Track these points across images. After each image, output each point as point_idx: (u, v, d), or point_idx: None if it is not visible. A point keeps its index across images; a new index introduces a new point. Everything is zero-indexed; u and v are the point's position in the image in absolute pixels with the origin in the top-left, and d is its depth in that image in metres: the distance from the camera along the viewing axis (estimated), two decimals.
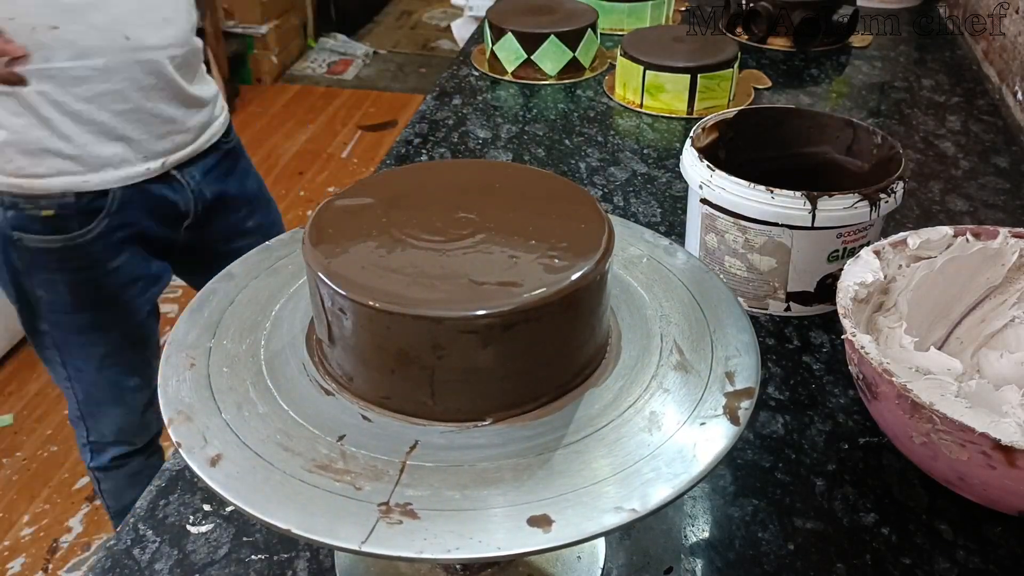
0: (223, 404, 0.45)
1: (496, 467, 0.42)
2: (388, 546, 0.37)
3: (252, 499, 0.39)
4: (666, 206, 0.94)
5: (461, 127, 1.12)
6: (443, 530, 0.38)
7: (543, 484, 0.41)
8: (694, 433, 0.43)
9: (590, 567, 0.56)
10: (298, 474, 0.41)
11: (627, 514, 0.39)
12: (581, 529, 0.38)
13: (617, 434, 0.44)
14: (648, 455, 0.42)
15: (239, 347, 0.49)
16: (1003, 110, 1.16)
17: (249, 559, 0.56)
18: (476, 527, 0.39)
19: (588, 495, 0.40)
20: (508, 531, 0.38)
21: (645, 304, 0.53)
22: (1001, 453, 0.51)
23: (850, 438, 0.65)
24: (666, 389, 0.46)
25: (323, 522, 0.38)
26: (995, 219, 0.92)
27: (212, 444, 0.42)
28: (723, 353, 0.49)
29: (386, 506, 0.39)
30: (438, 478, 0.41)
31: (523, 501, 0.40)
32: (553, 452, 0.43)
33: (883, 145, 0.78)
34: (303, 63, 3.54)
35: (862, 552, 0.56)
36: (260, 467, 0.41)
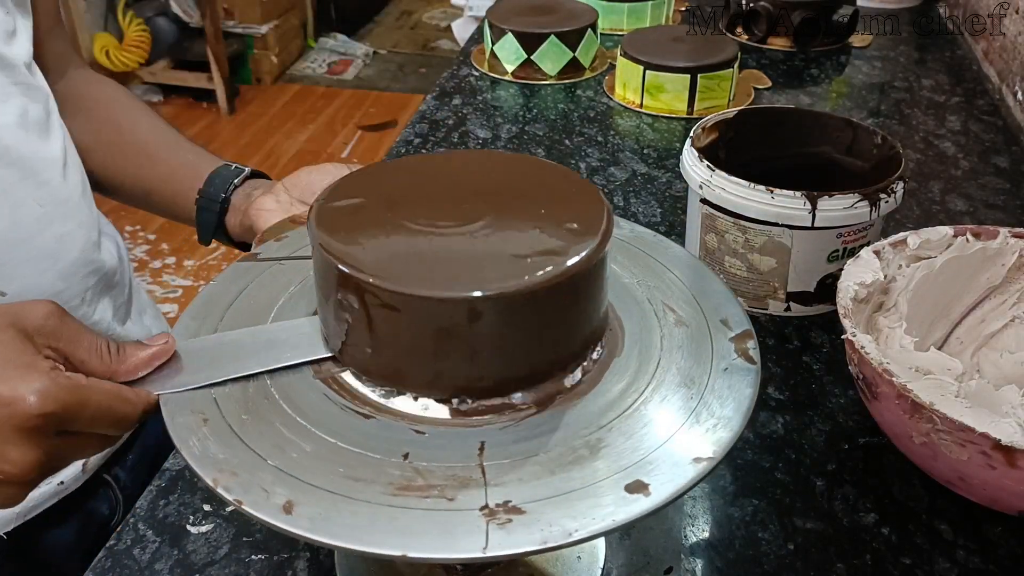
0: (263, 452, 0.42)
1: (568, 449, 0.42)
2: (511, 545, 0.37)
3: (349, 535, 0.38)
4: (666, 206, 0.94)
5: (461, 127, 1.12)
6: (554, 517, 0.38)
7: (620, 453, 0.42)
8: (724, 380, 0.45)
9: (590, 567, 0.56)
10: (383, 500, 0.39)
11: (707, 463, 0.40)
12: (676, 484, 0.39)
13: (660, 394, 0.45)
14: (696, 407, 0.44)
15: (245, 392, 0.46)
16: (1003, 110, 1.16)
17: (249, 559, 0.56)
18: (583, 506, 0.39)
19: (664, 455, 0.41)
20: (613, 504, 0.39)
21: (619, 275, 0.54)
22: (1001, 453, 0.51)
23: (850, 438, 0.65)
24: (679, 346, 0.48)
25: (435, 540, 0.37)
26: (995, 219, 0.92)
27: (276, 493, 0.39)
28: (710, 304, 0.51)
29: (488, 509, 0.39)
30: (521, 471, 0.41)
31: (611, 473, 0.40)
32: (612, 423, 0.44)
33: (883, 145, 0.78)
34: (303, 63, 3.54)
35: (862, 552, 0.56)
36: (340, 502, 0.39)
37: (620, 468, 0.41)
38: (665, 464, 0.41)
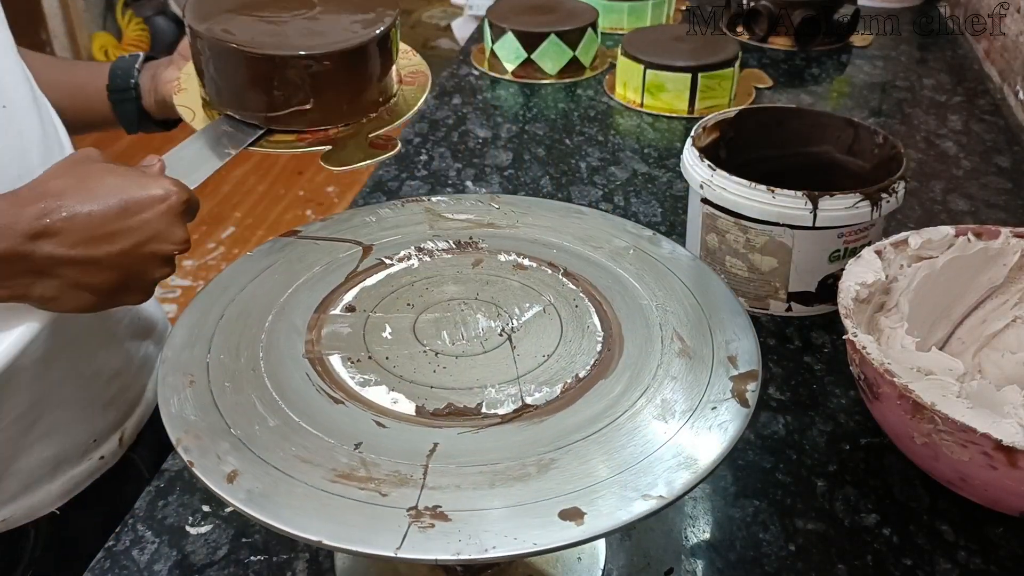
0: (231, 420, 0.44)
1: (518, 464, 0.42)
2: (423, 550, 0.37)
3: (277, 513, 0.39)
4: (667, 206, 0.94)
5: (461, 126, 1.12)
6: (476, 530, 0.38)
7: (567, 477, 0.41)
8: (708, 419, 0.44)
9: (590, 568, 0.56)
10: (321, 484, 0.40)
11: (655, 501, 0.39)
12: (614, 519, 0.39)
13: (634, 423, 0.44)
14: (667, 441, 0.43)
15: (237, 362, 0.48)
16: (1004, 110, 1.16)
17: (248, 560, 0.56)
18: (508, 525, 0.38)
19: (614, 485, 0.40)
20: (542, 526, 0.38)
21: (639, 295, 0.53)
22: (1002, 453, 0.51)
23: (851, 439, 0.65)
24: (673, 376, 0.47)
25: (354, 531, 0.38)
26: (997, 219, 0.92)
27: (227, 461, 0.41)
28: (722, 338, 0.50)
29: (415, 511, 0.39)
30: (462, 479, 0.41)
31: (551, 496, 0.40)
32: (571, 445, 0.43)
33: (884, 145, 0.78)
34: None
35: (863, 553, 0.56)
36: (282, 480, 0.40)
37: (562, 492, 0.40)
38: (611, 496, 0.40)
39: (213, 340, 0.50)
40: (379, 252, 0.58)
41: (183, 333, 0.50)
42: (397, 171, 1.02)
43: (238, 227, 2.48)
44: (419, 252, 0.58)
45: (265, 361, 0.48)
